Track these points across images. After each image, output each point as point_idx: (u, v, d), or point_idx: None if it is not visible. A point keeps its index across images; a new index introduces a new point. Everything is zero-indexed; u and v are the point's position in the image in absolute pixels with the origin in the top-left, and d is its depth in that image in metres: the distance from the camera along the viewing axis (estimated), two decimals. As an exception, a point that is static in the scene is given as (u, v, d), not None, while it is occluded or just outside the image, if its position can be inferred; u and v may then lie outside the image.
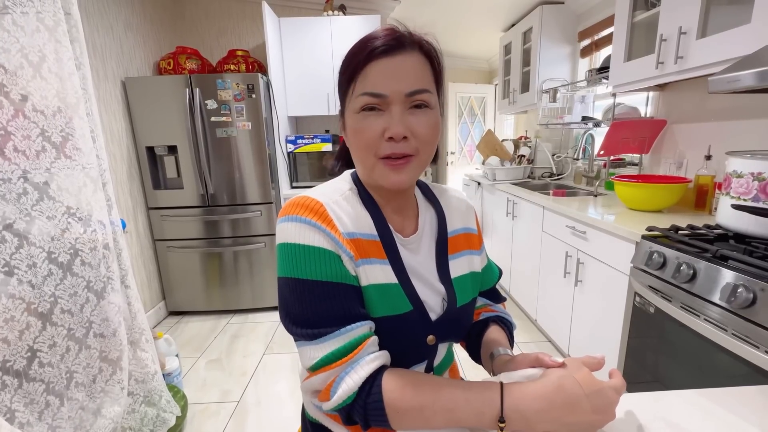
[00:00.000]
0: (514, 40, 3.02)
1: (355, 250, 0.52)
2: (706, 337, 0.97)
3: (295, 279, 0.49)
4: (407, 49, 0.50)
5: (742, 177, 1.09)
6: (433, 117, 0.51)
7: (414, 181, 0.56)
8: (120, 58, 2.22)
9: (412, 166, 0.52)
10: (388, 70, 0.49)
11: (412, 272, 0.56)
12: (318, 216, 0.50)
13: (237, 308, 2.59)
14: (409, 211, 0.61)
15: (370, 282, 0.52)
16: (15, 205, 0.94)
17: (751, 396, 0.53)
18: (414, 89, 0.49)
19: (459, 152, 5.01)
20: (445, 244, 0.62)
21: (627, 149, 1.95)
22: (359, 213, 0.55)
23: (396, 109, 0.49)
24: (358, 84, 0.50)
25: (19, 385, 0.94)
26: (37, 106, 1.00)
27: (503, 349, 0.60)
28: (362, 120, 0.50)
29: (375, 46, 0.49)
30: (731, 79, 1.03)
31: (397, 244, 0.56)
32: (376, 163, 0.51)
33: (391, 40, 0.49)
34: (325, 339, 0.48)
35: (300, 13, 2.84)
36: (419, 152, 0.51)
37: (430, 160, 0.55)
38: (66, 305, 1.06)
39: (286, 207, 0.52)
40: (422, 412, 0.46)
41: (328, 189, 0.56)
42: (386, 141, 0.49)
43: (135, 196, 2.32)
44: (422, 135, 0.50)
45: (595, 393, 0.43)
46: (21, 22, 0.96)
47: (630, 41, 1.66)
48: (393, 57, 0.49)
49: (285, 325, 0.51)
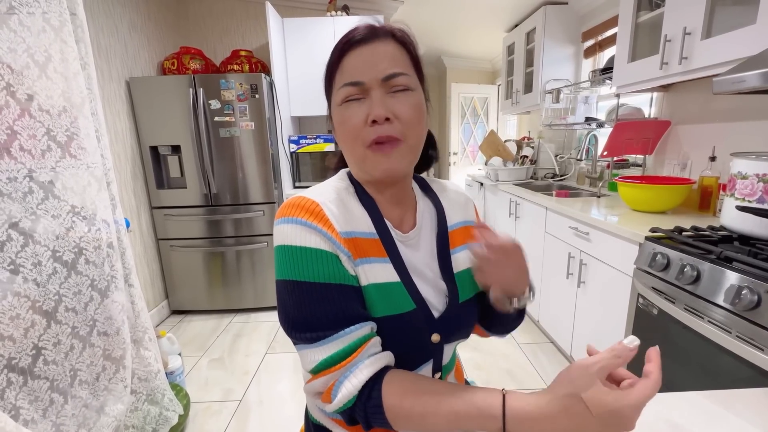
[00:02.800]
0: (517, 40, 3.01)
1: (354, 250, 0.51)
2: (710, 339, 0.97)
3: (293, 281, 0.48)
4: (380, 37, 0.51)
5: (747, 178, 1.08)
6: (414, 97, 0.51)
7: (407, 169, 0.55)
8: (124, 58, 2.24)
9: (401, 151, 0.51)
10: (362, 57, 0.50)
11: (412, 270, 0.56)
12: (314, 216, 0.50)
13: (239, 307, 2.60)
14: (407, 204, 0.60)
15: (369, 281, 0.51)
16: (20, 203, 0.95)
17: (756, 398, 0.52)
18: (390, 73, 0.49)
19: (462, 152, 5.00)
20: (445, 238, 0.61)
21: (630, 150, 1.94)
22: (356, 211, 0.54)
23: (375, 94, 0.49)
24: (337, 78, 0.52)
25: (24, 382, 0.95)
26: (43, 105, 1.01)
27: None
28: (345, 111, 0.51)
29: (348, 38, 0.51)
30: (736, 80, 1.02)
31: (396, 242, 0.56)
32: (365, 153, 0.51)
33: (364, 30, 0.51)
34: (324, 342, 0.47)
35: (303, 14, 2.84)
36: (406, 136, 0.51)
37: (420, 144, 0.54)
38: (70, 303, 1.06)
39: (282, 208, 0.51)
40: (423, 419, 0.45)
41: (324, 188, 0.56)
42: (370, 126, 0.49)
43: (139, 195, 2.33)
44: (405, 116, 0.50)
45: (607, 414, 0.37)
46: (27, 23, 0.96)
47: (634, 42, 1.65)
48: (367, 45, 0.50)
49: (284, 328, 0.50)
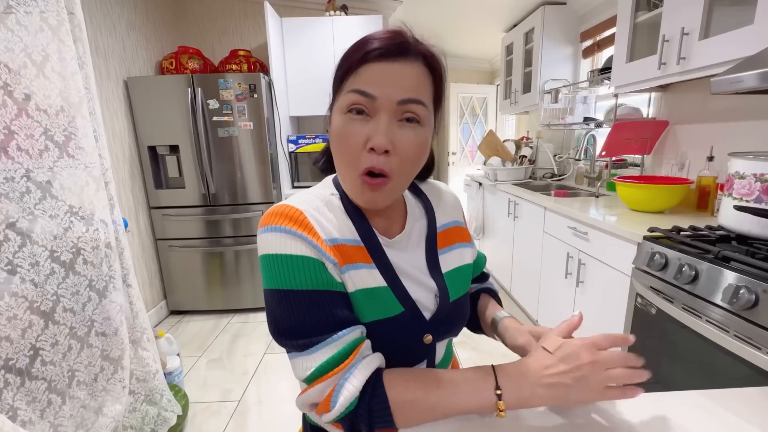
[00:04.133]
0: (516, 40, 3.01)
1: (339, 257, 0.50)
2: (708, 339, 0.97)
3: (281, 290, 0.48)
4: (410, 57, 0.47)
5: (745, 178, 1.09)
6: (422, 135, 0.49)
7: (390, 201, 0.53)
8: (122, 57, 2.23)
9: (387, 190, 0.50)
10: (383, 72, 0.46)
11: (401, 272, 0.55)
12: (298, 224, 0.49)
13: (238, 308, 2.59)
14: (395, 212, 0.60)
15: (357, 287, 0.51)
16: (18, 203, 0.95)
17: (754, 397, 0.53)
18: (407, 97, 0.46)
19: (460, 152, 5.01)
20: (434, 238, 0.61)
21: (629, 150, 1.95)
22: (341, 219, 0.53)
23: (383, 118, 0.46)
24: (350, 81, 0.48)
25: (22, 383, 0.94)
26: (41, 105, 1.00)
27: (501, 313, 0.66)
28: (348, 123, 0.48)
29: (374, 47, 0.46)
30: (734, 80, 1.03)
31: (383, 246, 0.55)
32: (356, 180, 0.49)
33: (393, 45, 0.46)
34: (316, 348, 0.47)
35: (302, 13, 2.84)
36: (396, 174, 0.48)
37: (409, 181, 0.53)
38: (68, 304, 1.06)
39: (266, 217, 0.50)
40: (427, 399, 0.46)
41: (309, 196, 0.54)
42: (368, 152, 0.47)
43: (137, 195, 2.33)
44: (405, 152, 0.47)
45: (558, 349, 0.48)
46: (25, 22, 0.96)
47: (632, 42, 1.66)
48: (392, 62, 0.46)
49: (275, 337, 0.49)
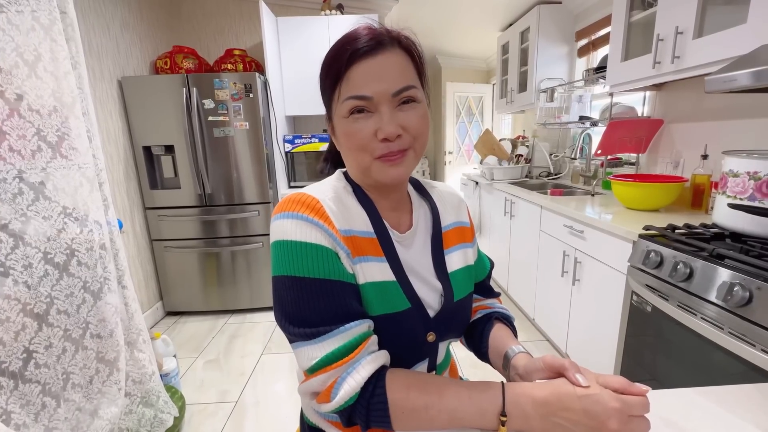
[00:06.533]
0: (511, 39, 3.02)
1: (352, 248, 0.51)
2: (703, 336, 0.98)
3: (292, 277, 0.48)
4: (387, 47, 0.50)
5: (738, 176, 1.09)
6: (421, 110, 0.52)
7: (411, 172, 0.56)
8: (116, 57, 2.21)
9: (409, 159, 0.52)
10: (371, 71, 0.49)
11: (409, 269, 0.56)
12: (315, 212, 0.50)
13: (235, 308, 2.58)
14: (404, 207, 0.61)
15: (367, 280, 0.52)
16: (10, 205, 0.94)
17: (748, 394, 0.53)
18: (399, 88, 0.49)
19: (457, 152, 5.00)
20: (440, 238, 0.62)
21: (624, 149, 1.96)
22: (354, 210, 0.55)
23: (385, 109, 0.49)
24: (343, 88, 0.50)
25: (15, 386, 0.93)
26: (33, 105, 0.99)
27: (516, 347, 0.58)
28: (352, 124, 0.50)
29: (355, 48, 0.48)
30: (727, 79, 1.03)
31: (394, 241, 0.56)
32: (372, 162, 0.51)
33: (370, 41, 0.49)
34: (324, 338, 0.47)
35: (298, 13, 2.83)
36: (414, 145, 0.52)
37: (424, 150, 0.56)
38: (62, 306, 1.05)
39: (282, 204, 0.51)
40: (427, 411, 0.46)
41: (323, 186, 0.55)
42: (380, 142, 0.49)
43: (132, 196, 2.31)
44: (414, 129, 0.51)
45: (587, 396, 0.43)
46: (16, 21, 0.95)
47: (627, 41, 1.66)
48: (374, 57, 0.49)
49: (281, 325, 0.50)
